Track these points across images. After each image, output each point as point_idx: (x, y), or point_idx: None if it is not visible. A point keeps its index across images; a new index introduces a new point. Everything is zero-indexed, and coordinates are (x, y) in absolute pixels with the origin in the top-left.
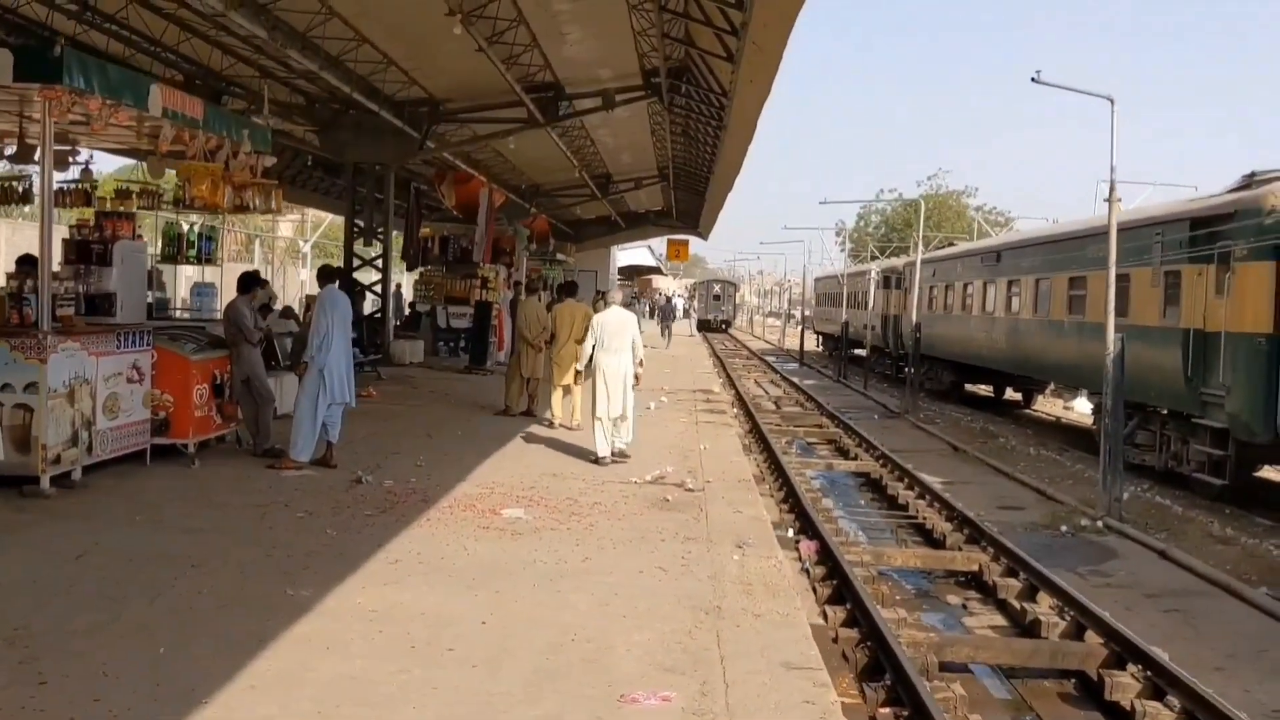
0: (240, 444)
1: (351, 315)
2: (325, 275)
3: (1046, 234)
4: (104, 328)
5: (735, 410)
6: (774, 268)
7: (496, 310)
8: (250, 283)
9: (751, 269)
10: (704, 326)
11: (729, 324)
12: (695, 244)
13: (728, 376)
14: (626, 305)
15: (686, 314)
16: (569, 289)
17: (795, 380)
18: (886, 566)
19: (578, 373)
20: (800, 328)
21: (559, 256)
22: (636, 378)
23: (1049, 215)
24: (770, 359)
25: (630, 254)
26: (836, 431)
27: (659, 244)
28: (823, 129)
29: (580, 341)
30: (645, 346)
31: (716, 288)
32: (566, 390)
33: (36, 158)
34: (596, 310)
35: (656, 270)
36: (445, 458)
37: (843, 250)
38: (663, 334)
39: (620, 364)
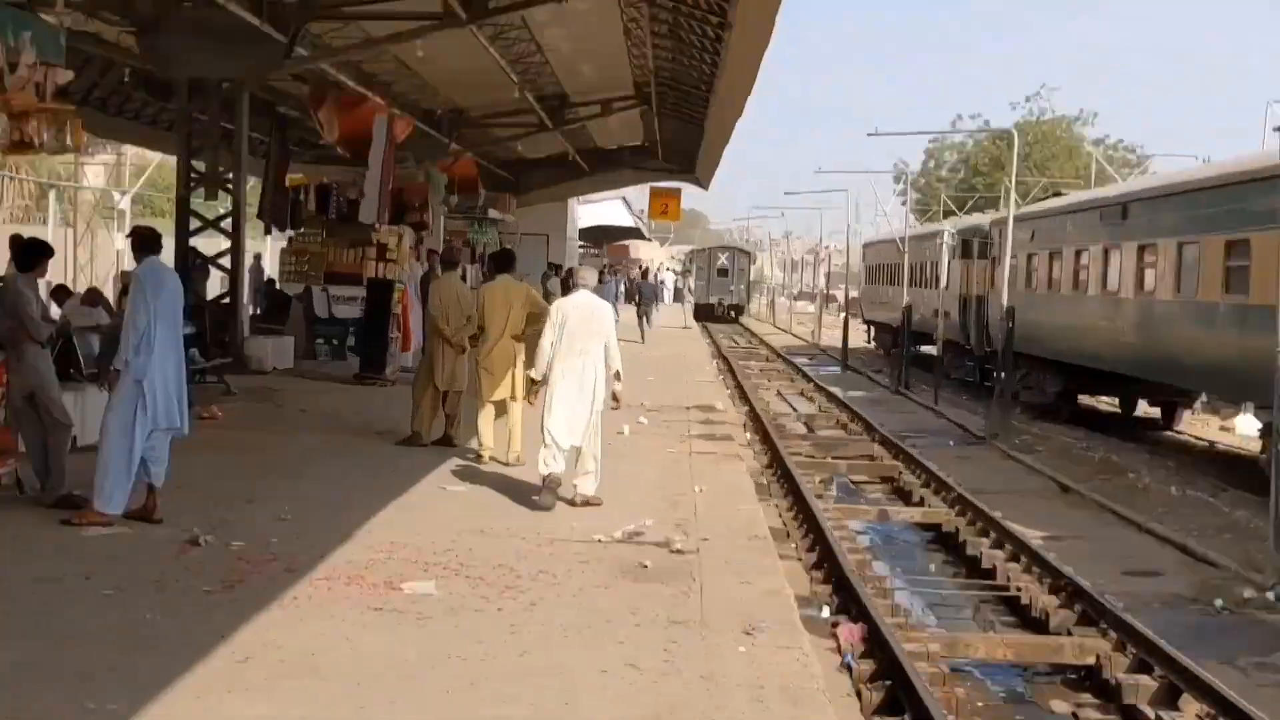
0: (21, 489)
1: (183, 301)
2: (144, 243)
3: (1195, 178)
4: None
5: (748, 435)
6: (806, 230)
7: (400, 292)
8: (32, 253)
9: (773, 230)
10: (705, 314)
11: (741, 310)
12: (691, 196)
13: (738, 387)
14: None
15: (679, 296)
16: (503, 261)
17: (835, 391)
18: (964, 660)
19: (532, 384)
20: (843, 315)
21: (492, 214)
22: (614, 397)
23: (1200, 153)
24: (800, 360)
25: (597, 210)
26: (894, 465)
27: (638, 195)
28: (872, 28)
29: (521, 338)
30: (620, 341)
31: (723, 258)
32: (501, 409)
33: None
34: (549, 294)
35: (635, 233)
36: (322, 508)
37: (904, 204)
38: (640, 324)
39: (587, 372)
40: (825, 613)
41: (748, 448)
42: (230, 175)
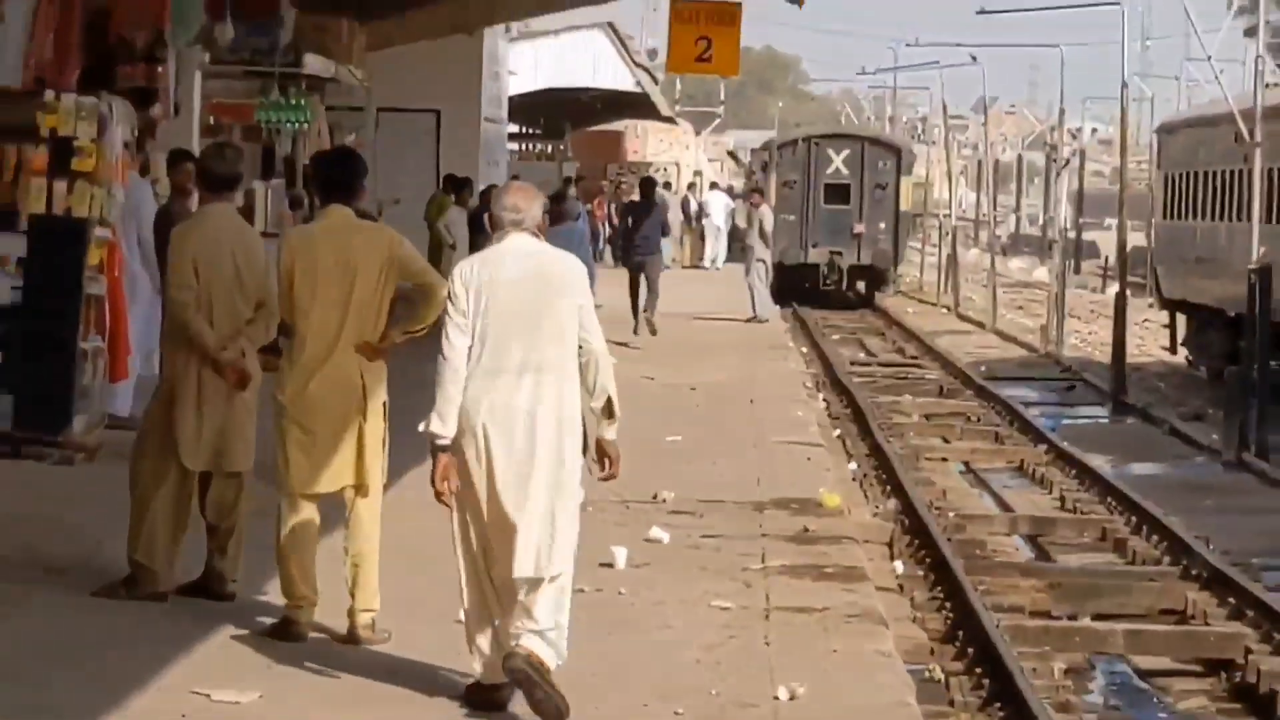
0: None
1: None
2: None
3: None
4: None
5: (897, 567)
6: (1027, 100)
7: (103, 249)
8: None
9: (953, 105)
10: (796, 286)
11: (882, 279)
12: (762, 29)
13: (874, 454)
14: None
15: (739, 243)
16: (336, 175)
17: (1097, 464)
18: None
19: (434, 453)
20: (1115, 291)
21: (311, 66)
22: (601, 456)
23: None
24: (1017, 392)
25: (550, 53)
26: (1238, 634)
27: (639, 19)
28: None
29: (382, 347)
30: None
31: (839, 158)
32: (338, 505)
33: None
34: (444, 245)
35: (638, 105)
36: None
37: (1253, 33)
38: (635, 300)
39: (540, 410)
40: None
41: (898, 596)
42: None
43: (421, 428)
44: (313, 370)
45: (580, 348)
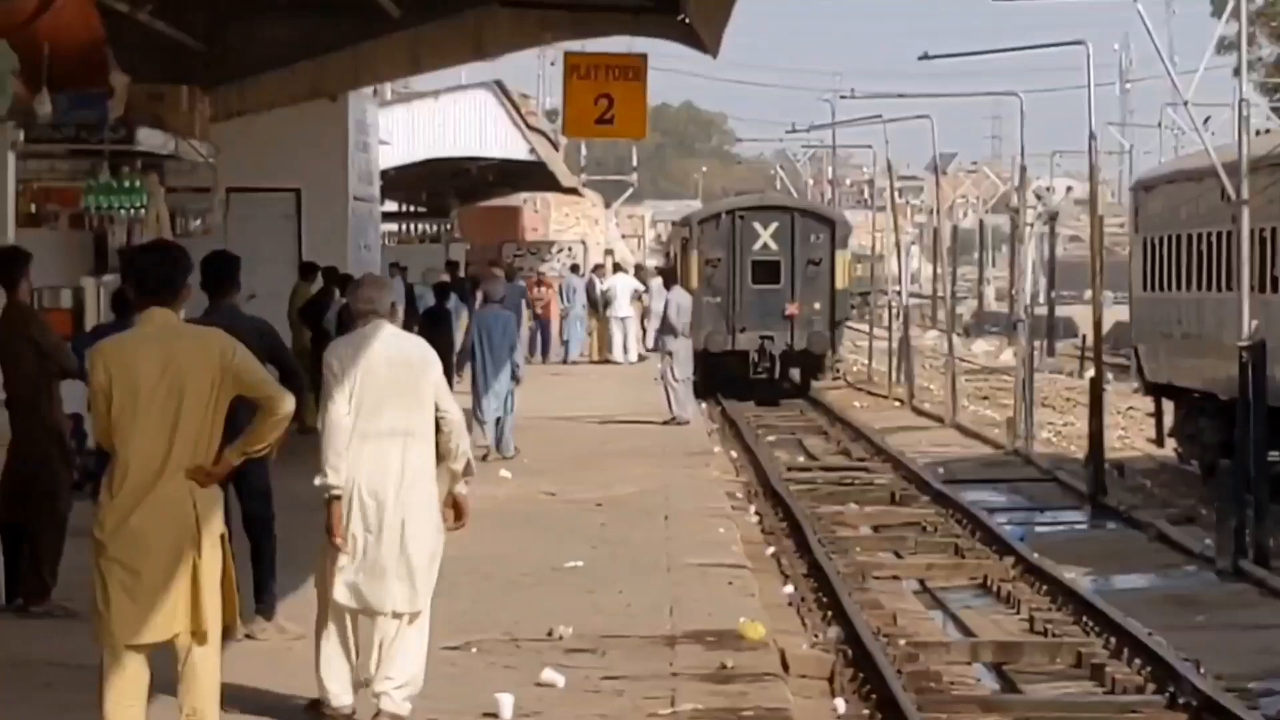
0: None
1: None
2: None
3: None
4: None
5: (841, 706)
6: (990, 157)
7: None
8: None
9: (904, 164)
10: (719, 377)
11: (818, 366)
12: (681, 84)
13: (812, 572)
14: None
15: (664, 329)
16: (158, 271)
17: (1073, 580)
18: None
19: (330, 503)
20: (1089, 376)
21: (144, 141)
22: (455, 508)
23: None
24: (980, 495)
25: (433, 115)
26: None
27: (531, 74)
28: None
29: (212, 472)
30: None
31: (767, 231)
32: (187, 657)
33: None
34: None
35: (543, 177)
36: None
37: (1238, 72)
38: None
39: (409, 472)
40: None
41: None
42: None
43: (317, 481)
44: (136, 500)
45: (441, 418)
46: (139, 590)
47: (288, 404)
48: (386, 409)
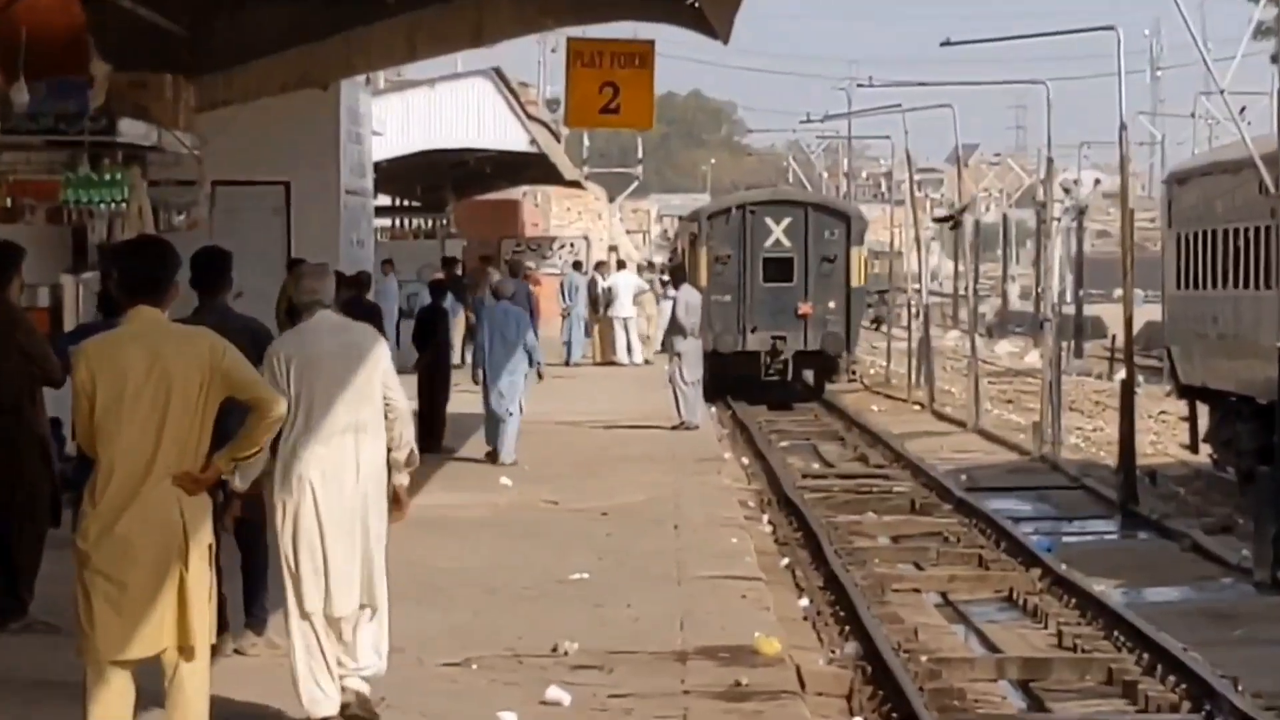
0: None
1: None
2: None
3: None
4: None
5: None
6: (1015, 148)
7: None
8: None
9: (924, 156)
10: (731, 381)
11: (833, 368)
12: (688, 71)
13: (829, 585)
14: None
15: (674, 328)
16: (143, 269)
17: (1102, 592)
18: None
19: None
20: (1120, 379)
21: (125, 133)
22: (396, 500)
23: None
24: (1005, 504)
25: (429, 107)
26: None
27: (532, 63)
28: None
29: (200, 477)
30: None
31: (779, 227)
32: (174, 674)
33: None
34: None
35: (544, 169)
36: None
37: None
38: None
39: (365, 464)
40: None
41: None
42: None
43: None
44: (121, 507)
45: (388, 406)
46: (124, 603)
47: (280, 406)
48: (338, 404)
